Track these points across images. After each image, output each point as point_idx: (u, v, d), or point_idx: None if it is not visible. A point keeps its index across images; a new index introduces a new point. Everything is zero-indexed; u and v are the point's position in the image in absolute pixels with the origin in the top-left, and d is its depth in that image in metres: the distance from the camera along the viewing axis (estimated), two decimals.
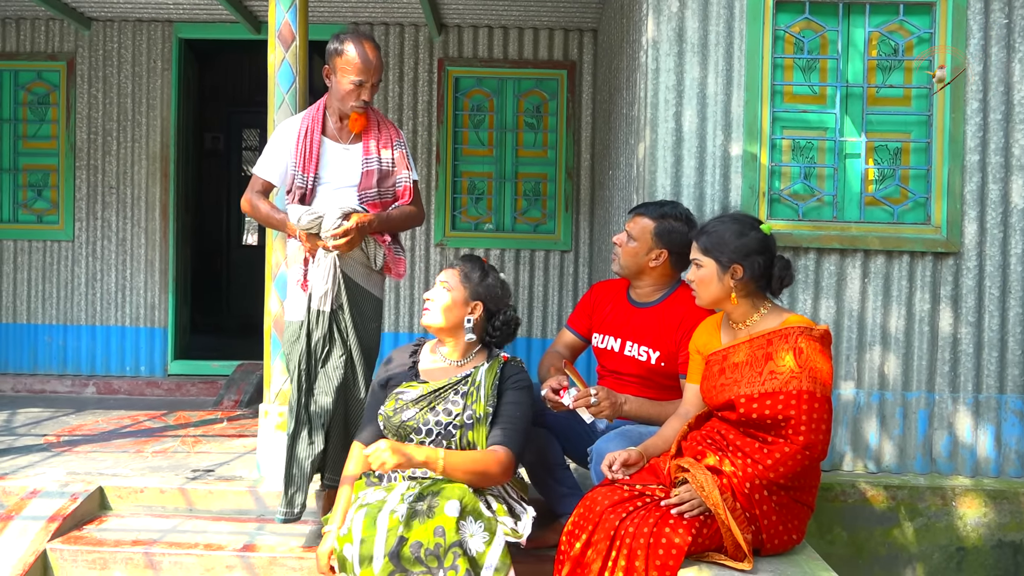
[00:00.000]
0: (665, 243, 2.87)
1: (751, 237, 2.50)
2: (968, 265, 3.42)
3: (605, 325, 3.04)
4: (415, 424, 2.56)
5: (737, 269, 2.48)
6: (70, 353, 5.85)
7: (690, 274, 2.59)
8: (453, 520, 2.30)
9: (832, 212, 3.46)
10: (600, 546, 2.33)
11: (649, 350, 2.89)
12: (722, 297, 2.52)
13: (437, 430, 2.55)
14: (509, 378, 2.64)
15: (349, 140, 3.08)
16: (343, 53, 2.96)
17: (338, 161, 3.05)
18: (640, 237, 2.89)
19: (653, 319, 2.91)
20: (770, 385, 2.40)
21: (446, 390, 2.60)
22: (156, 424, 4.63)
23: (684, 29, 3.41)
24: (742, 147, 3.40)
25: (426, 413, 2.57)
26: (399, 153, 3.11)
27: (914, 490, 3.36)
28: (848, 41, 3.46)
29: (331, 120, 3.08)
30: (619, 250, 2.95)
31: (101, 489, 3.31)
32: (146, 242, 5.84)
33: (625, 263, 2.94)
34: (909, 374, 3.45)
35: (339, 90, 2.98)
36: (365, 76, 2.95)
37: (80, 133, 5.83)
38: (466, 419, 2.55)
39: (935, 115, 3.43)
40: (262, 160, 3.10)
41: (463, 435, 2.55)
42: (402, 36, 5.80)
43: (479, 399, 2.57)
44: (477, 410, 2.55)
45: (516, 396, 2.61)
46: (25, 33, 5.84)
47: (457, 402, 2.58)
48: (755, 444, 2.43)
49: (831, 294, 3.44)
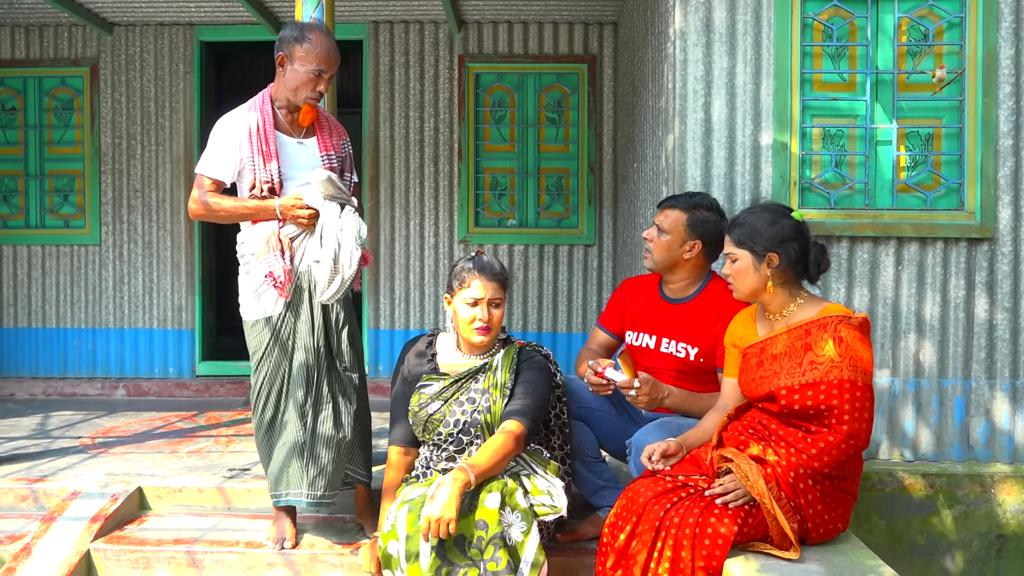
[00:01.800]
0: (699, 233, 2.86)
1: (783, 224, 2.48)
2: (1003, 251, 3.39)
3: (639, 323, 3.02)
4: (441, 417, 2.62)
5: (773, 257, 2.47)
6: (99, 356, 5.91)
7: (725, 268, 2.57)
8: (495, 512, 2.32)
9: (864, 200, 3.44)
10: (645, 537, 2.33)
11: (687, 346, 2.87)
12: (759, 288, 2.51)
13: (464, 419, 2.61)
14: (525, 360, 2.70)
15: (301, 135, 2.96)
16: (306, 40, 2.84)
17: (295, 156, 2.92)
18: (672, 230, 2.87)
19: (689, 315, 2.90)
20: (811, 375, 2.39)
21: (467, 380, 2.66)
22: (188, 425, 4.66)
23: (711, 19, 3.40)
24: (772, 136, 3.38)
25: (451, 405, 2.63)
26: (347, 153, 3.06)
27: (952, 478, 3.33)
28: (877, 27, 3.43)
29: (280, 114, 2.93)
30: (651, 245, 2.92)
31: (140, 489, 3.34)
32: (172, 244, 5.89)
33: (659, 258, 2.92)
34: (945, 361, 3.43)
35: (295, 79, 2.85)
36: (327, 66, 2.86)
37: (104, 138, 5.88)
38: (485, 404, 2.61)
39: (967, 100, 3.40)
40: (209, 159, 2.89)
41: (486, 419, 2.60)
42: (422, 33, 5.81)
43: (496, 382, 2.63)
44: (494, 394, 2.60)
45: (530, 374, 2.66)
46: (48, 39, 5.89)
47: (478, 390, 2.64)
48: (798, 434, 2.42)
49: (865, 282, 3.42)
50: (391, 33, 5.81)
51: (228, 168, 2.88)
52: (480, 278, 2.63)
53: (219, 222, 2.95)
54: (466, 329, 2.65)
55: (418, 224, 5.82)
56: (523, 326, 5.83)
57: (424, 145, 5.82)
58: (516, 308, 5.82)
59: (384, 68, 5.81)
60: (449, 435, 2.62)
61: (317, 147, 2.96)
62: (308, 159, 2.93)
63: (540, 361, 2.71)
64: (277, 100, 2.94)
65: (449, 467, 2.58)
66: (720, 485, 2.37)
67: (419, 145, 5.82)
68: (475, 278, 2.64)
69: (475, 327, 2.62)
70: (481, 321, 2.62)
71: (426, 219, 5.84)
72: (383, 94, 5.82)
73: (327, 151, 2.96)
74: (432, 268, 5.83)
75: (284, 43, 2.87)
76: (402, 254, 5.84)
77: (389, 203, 5.83)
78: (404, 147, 5.81)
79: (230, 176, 2.90)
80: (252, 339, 2.95)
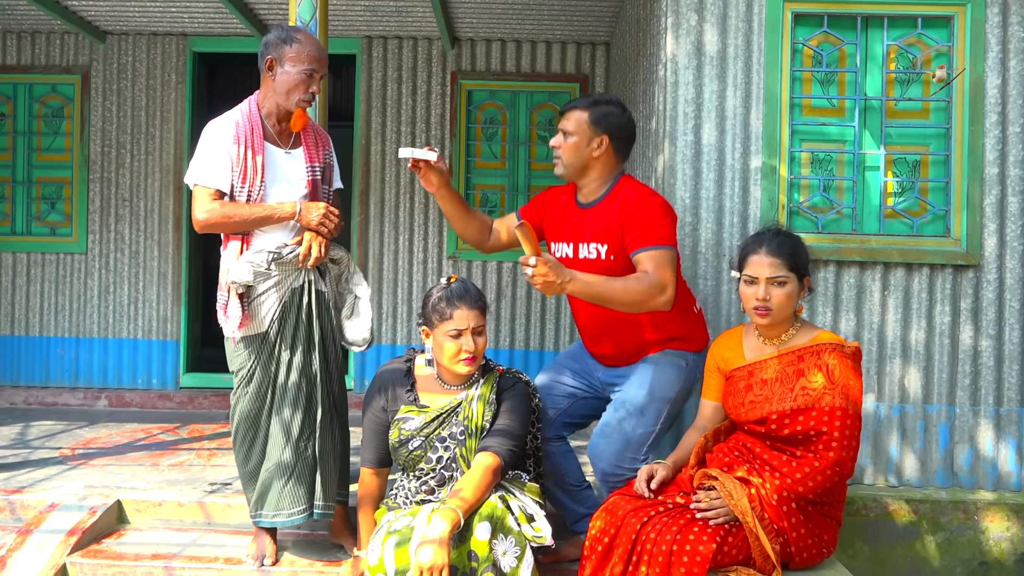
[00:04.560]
0: (604, 128, 2.80)
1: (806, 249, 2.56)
2: (988, 278, 3.41)
3: (557, 232, 2.96)
4: (422, 453, 2.61)
5: (807, 280, 2.52)
6: (82, 366, 5.85)
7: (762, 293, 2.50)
8: (486, 543, 2.29)
9: (851, 225, 3.46)
10: (621, 551, 2.33)
11: (598, 246, 2.79)
12: (790, 314, 2.52)
13: (447, 456, 2.60)
14: (506, 389, 2.66)
15: (289, 144, 2.91)
16: (295, 41, 2.79)
17: (282, 168, 2.87)
18: (577, 130, 2.81)
19: (599, 215, 2.81)
20: (802, 401, 2.40)
21: (448, 415, 2.61)
22: (170, 437, 4.62)
23: (702, 43, 3.42)
24: (761, 160, 3.40)
25: (432, 442, 2.60)
26: (330, 163, 3.02)
27: (936, 504, 3.34)
28: (867, 54, 3.47)
29: (268, 123, 2.87)
30: (559, 152, 2.86)
31: (119, 502, 3.30)
32: (159, 254, 5.85)
33: (568, 162, 2.84)
34: (930, 387, 3.44)
35: (287, 81, 2.80)
36: (318, 65, 2.82)
37: (94, 146, 5.85)
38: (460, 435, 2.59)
39: (954, 128, 3.43)
40: (203, 169, 2.80)
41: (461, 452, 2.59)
42: (415, 49, 5.82)
43: (472, 413, 2.59)
44: (473, 423, 2.57)
45: (512, 403, 2.62)
46: (40, 46, 5.87)
47: (459, 424, 2.60)
48: (783, 457, 2.43)
49: (851, 307, 3.43)
50: (384, 48, 5.82)
51: (224, 175, 2.80)
52: (461, 308, 2.55)
53: (232, 231, 2.85)
54: (451, 362, 2.57)
55: (407, 239, 5.81)
56: (510, 343, 5.82)
57: None
58: (504, 326, 5.81)
59: (377, 83, 5.82)
60: (432, 471, 2.61)
61: (303, 157, 2.91)
62: (294, 170, 2.89)
63: (521, 389, 2.68)
64: (264, 108, 2.87)
65: (429, 499, 2.56)
66: (705, 500, 2.36)
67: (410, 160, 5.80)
68: (456, 308, 2.55)
69: (462, 359, 2.55)
70: (467, 352, 2.54)
71: (415, 234, 5.84)
72: (375, 109, 5.82)
73: (312, 162, 2.91)
74: (420, 283, 5.82)
75: (271, 46, 2.82)
76: (390, 269, 5.83)
77: (379, 217, 5.82)
78: (395, 162, 5.81)
79: (228, 183, 2.81)
80: (236, 357, 2.91)
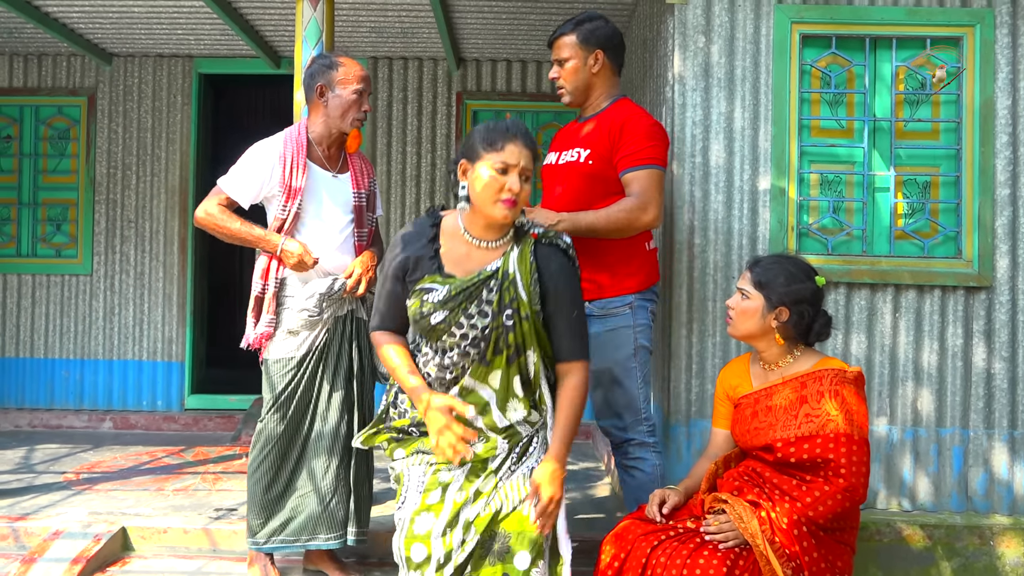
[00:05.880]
0: (595, 43, 2.90)
1: (806, 286, 2.47)
2: (1001, 299, 3.38)
3: (554, 146, 3.07)
4: (446, 327, 2.25)
5: (783, 312, 2.45)
6: (87, 388, 5.82)
7: (732, 300, 2.55)
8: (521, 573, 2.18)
9: (861, 246, 3.43)
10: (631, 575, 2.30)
11: (580, 150, 2.87)
12: (756, 333, 2.49)
13: (473, 334, 2.24)
14: (547, 267, 2.28)
15: (337, 168, 2.99)
16: (340, 65, 2.91)
17: (327, 190, 2.94)
18: (572, 54, 2.90)
19: (594, 125, 2.91)
20: (807, 428, 2.37)
21: (477, 288, 2.25)
22: (175, 460, 4.59)
23: (710, 64, 3.41)
24: (770, 181, 3.38)
25: (458, 315, 2.24)
26: (373, 190, 3.11)
27: (951, 529, 3.29)
28: (875, 75, 3.45)
29: (316, 147, 2.96)
30: (561, 80, 2.95)
31: (124, 530, 3.27)
32: (164, 276, 5.84)
33: (572, 87, 2.94)
34: (943, 410, 3.40)
35: (340, 105, 2.89)
36: (366, 84, 2.93)
37: (100, 167, 5.85)
38: (505, 321, 2.24)
39: (964, 149, 3.41)
40: (234, 178, 2.91)
41: (500, 336, 2.24)
42: (420, 70, 5.83)
43: (518, 297, 2.24)
44: (521, 309, 2.24)
45: (563, 286, 2.28)
46: (47, 68, 5.89)
47: (491, 300, 2.24)
48: (792, 482, 2.40)
49: (862, 329, 3.40)
50: (390, 69, 5.83)
51: (248, 193, 2.91)
52: (516, 143, 2.20)
53: (219, 238, 2.96)
54: (489, 200, 2.20)
55: None
56: None
57: (421, 180, 5.82)
58: None
59: (383, 103, 5.82)
60: (455, 346, 2.26)
61: (351, 183, 2.99)
62: (341, 194, 2.97)
63: (566, 265, 2.31)
64: (314, 133, 2.96)
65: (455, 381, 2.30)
66: (715, 524, 2.34)
67: (415, 180, 5.81)
68: (509, 141, 2.20)
69: (502, 199, 2.18)
70: (511, 192, 2.18)
71: None
72: (381, 129, 5.82)
73: (359, 189, 3.00)
74: None
75: (318, 75, 2.92)
76: None
77: (385, 238, 5.79)
78: (401, 182, 5.81)
79: (247, 201, 2.93)
80: (274, 378, 2.94)
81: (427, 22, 5.06)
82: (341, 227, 2.95)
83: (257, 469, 2.89)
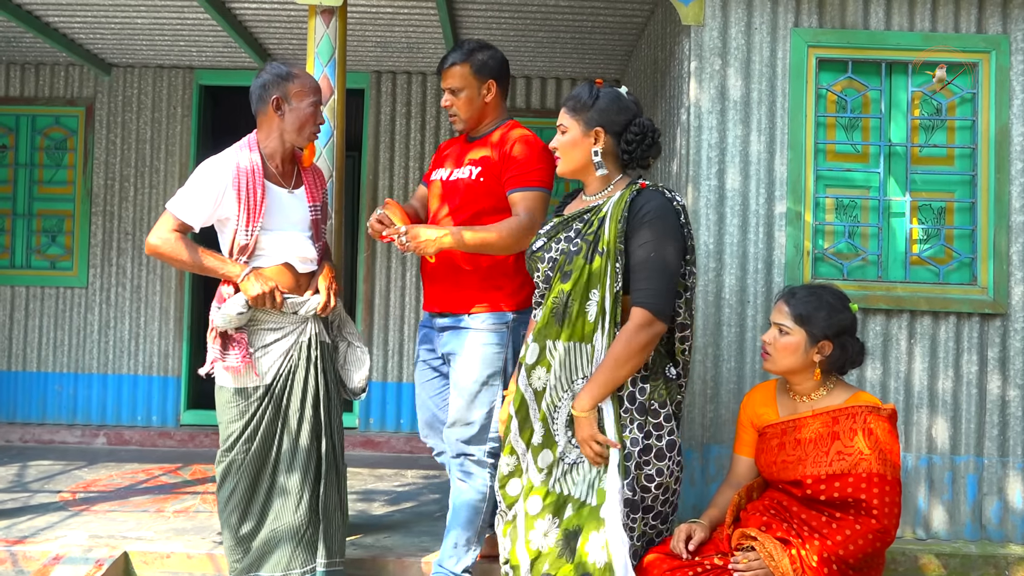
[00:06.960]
0: (487, 73, 2.93)
1: (847, 315, 2.44)
2: (1016, 327, 3.36)
3: (442, 163, 3.07)
4: (541, 255, 2.43)
5: (825, 346, 2.41)
6: (80, 402, 5.72)
7: (769, 336, 2.48)
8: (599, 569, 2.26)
9: (877, 272, 3.41)
10: None
11: (472, 168, 2.90)
12: (798, 368, 2.44)
13: (556, 256, 2.38)
14: (642, 206, 2.29)
15: (291, 184, 2.85)
16: (295, 76, 2.76)
17: (284, 207, 2.80)
18: (464, 84, 2.91)
19: (483, 144, 2.95)
20: (838, 466, 2.33)
21: (571, 220, 2.40)
22: (173, 479, 4.50)
23: (726, 88, 3.39)
24: (786, 205, 3.36)
25: (550, 243, 2.41)
26: (325, 199, 3.01)
27: (966, 558, 3.26)
28: (891, 100, 3.44)
29: (270, 164, 2.79)
30: (456, 110, 2.96)
31: (126, 554, 3.19)
32: (161, 289, 5.76)
33: (466, 115, 2.95)
34: (957, 438, 3.38)
35: (297, 118, 2.75)
36: (320, 95, 2.84)
37: (97, 179, 5.77)
38: (572, 248, 2.34)
39: (979, 175, 3.40)
40: (185, 200, 2.72)
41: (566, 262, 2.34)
42: (424, 85, 5.79)
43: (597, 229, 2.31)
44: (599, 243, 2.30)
45: (644, 234, 2.27)
46: (44, 78, 5.81)
47: (576, 228, 2.37)
48: (822, 518, 2.36)
49: (878, 355, 3.37)
50: (393, 83, 5.79)
51: (201, 214, 2.72)
52: None
53: (174, 266, 2.84)
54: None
55: (414, 275, 5.74)
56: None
57: None
58: None
59: (385, 117, 5.78)
60: (544, 273, 2.41)
61: (306, 197, 2.86)
62: (298, 210, 2.84)
63: (654, 212, 2.28)
64: (267, 148, 2.79)
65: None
66: (744, 561, 2.29)
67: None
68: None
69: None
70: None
71: None
72: (383, 143, 5.78)
73: (314, 202, 2.88)
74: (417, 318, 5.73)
75: (273, 86, 2.75)
76: (397, 304, 5.75)
77: (385, 252, 5.75)
78: (403, 197, 5.75)
79: (200, 223, 2.74)
80: (232, 410, 2.77)
81: (434, 37, 5.03)
82: (299, 244, 2.82)
83: (225, 506, 2.76)
